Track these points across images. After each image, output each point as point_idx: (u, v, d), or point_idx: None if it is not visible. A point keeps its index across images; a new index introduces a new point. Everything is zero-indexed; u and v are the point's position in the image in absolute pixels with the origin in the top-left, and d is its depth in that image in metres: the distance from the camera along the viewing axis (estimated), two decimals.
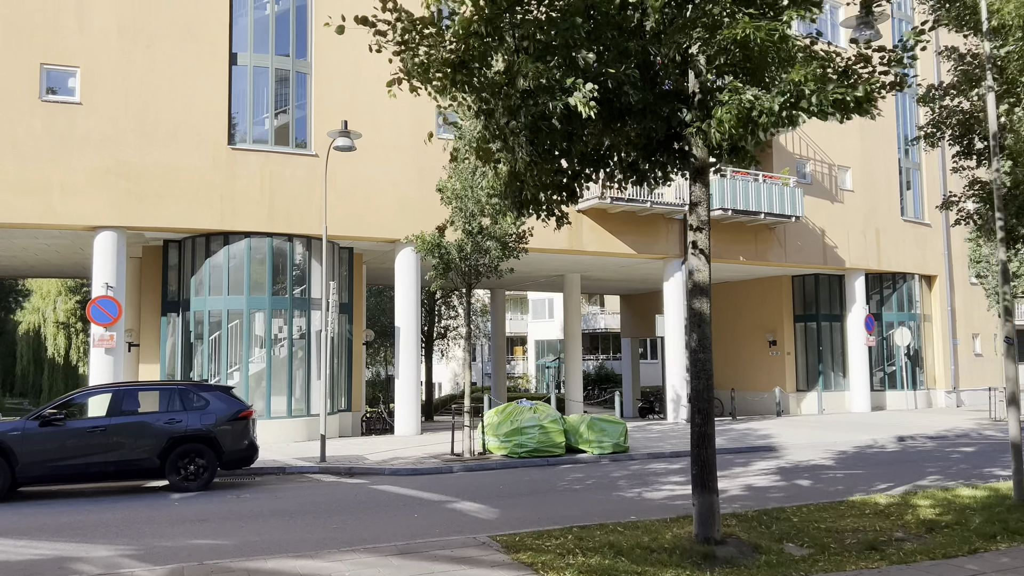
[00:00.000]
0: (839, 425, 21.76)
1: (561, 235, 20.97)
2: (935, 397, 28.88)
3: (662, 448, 16.49)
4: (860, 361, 26.78)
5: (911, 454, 15.86)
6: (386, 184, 19.28)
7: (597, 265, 24.82)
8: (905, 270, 28.14)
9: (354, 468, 14.25)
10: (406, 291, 19.61)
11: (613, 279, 28.90)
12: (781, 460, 15.09)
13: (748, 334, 29.08)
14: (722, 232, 23.68)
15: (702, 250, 7.03)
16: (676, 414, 22.86)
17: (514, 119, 6.17)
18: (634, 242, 22.19)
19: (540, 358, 54.46)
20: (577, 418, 15.84)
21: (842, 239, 26.21)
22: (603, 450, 15.33)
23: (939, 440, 18.63)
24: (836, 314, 28.27)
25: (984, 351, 30.97)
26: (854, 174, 26.95)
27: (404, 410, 19.34)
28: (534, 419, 15.11)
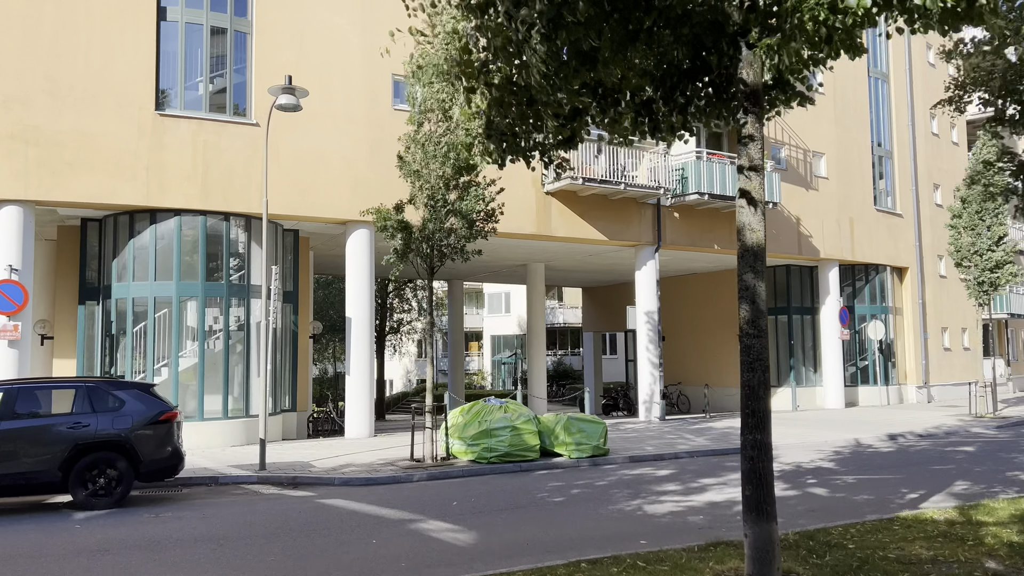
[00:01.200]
0: (820, 423, 20.58)
1: (528, 219, 19.33)
2: (906, 392, 28.08)
3: (643, 450, 14.96)
4: (834, 356, 25.76)
5: (912, 455, 14.63)
6: (336, 159, 17.35)
7: (563, 253, 23.23)
8: (878, 261, 27.24)
9: (299, 478, 12.37)
10: (358, 277, 17.70)
11: (578, 269, 27.38)
12: (777, 462, 13.64)
13: (717, 328, 27.85)
14: (696, 219, 22.31)
15: (756, 202, 5.40)
16: (648, 412, 21.41)
17: (527, 6, 4.44)
18: (605, 228, 20.65)
19: (496, 354, 52.81)
20: (552, 418, 14.20)
21: (817, 228, 25.13)
22: (582, 453, 13.73)
23: (931, 439, 17.54)
24: (808, 307, 27.23)
25: (952, 345, 30.34)
26: (828, 161, 25.90)
27: (355, 410, 17.45)
28: (505, 420, 13.42)
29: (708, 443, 16.09)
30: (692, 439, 16.85)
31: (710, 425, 20.12)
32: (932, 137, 30.47)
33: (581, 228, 20.24)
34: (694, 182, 21.01)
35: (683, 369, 28.72)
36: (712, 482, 11.57)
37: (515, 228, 19.02)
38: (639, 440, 16.71)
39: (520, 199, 19.10)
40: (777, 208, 23.85)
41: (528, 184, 19.41)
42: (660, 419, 21.33)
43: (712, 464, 13.65)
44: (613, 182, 19.57)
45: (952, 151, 31.78)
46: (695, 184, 20.99)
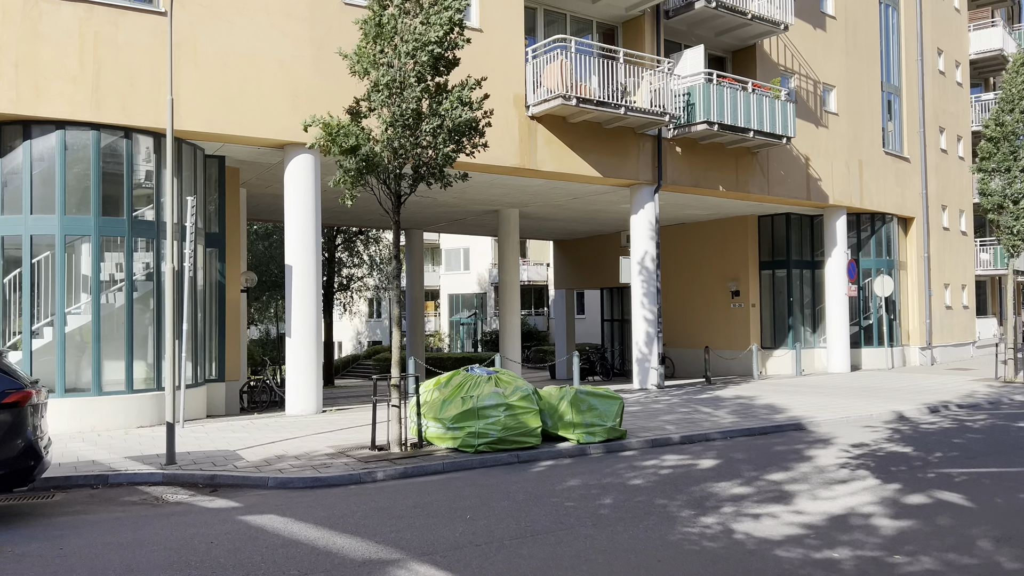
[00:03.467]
0: (837, 390, 17.92)
1: (510, 149, 15.96)
2: (909, 354, 25.77)
3: (664, 430, 11.94)
4: (839, 314, 23.18)
5: (991, 433, 11.92)
6: (271, 64, 13.68)
7: (543, 196, 19.94)
8: (885, 210, 24.63)
9: (219, 476, 9.02)
10: (301, 215, 14.17)
11: (555, 218, 24.14)
12: (835, 446, 10.81)
13: (708, 284, 25.04)
14: (700, 155, 19.21)
15: None
16: (644, 378, 18.47)
17: None
18: (599, 162, 17.40)
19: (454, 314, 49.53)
20: (554, 392, 11.05)
21: (826, 170, 22.30)
22: (593, 437, 10.65)
23: (981, 410, 14.97)
24: (807, 260, 24.55)
25: (953, 303, 28.14)
26: (839, 95, 23.00)
27: (299, 379, 14.04)
28: (497, 395, 10.22)
29: (735, 419, 13.17)
30: (712, 413, 13.94)
31: (717, 394, 17.27)
32: (939, 76, 27.85)
33: (571, 162, 16.96)
34: (702, 109, 17.85)
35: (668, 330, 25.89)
36: (785, 479, 8.60)
37: (494, 159, 15.68)
38: (650, 416, 13.71)
39: (499, 123, 15.70)
40: (785, 147, 20.91)
41: (509, 104, 16.01)
42: (658, 387, 18.42)
43: (759, 449, 10.71)
44: (612, 104, 16.27)
45: (957, 93, 29.25)
46: (703, 112, 17.83)
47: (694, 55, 18.21)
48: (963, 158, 29.55)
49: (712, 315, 24.84)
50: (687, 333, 25.33)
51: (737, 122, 18.27)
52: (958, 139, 29.15)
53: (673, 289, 25.75)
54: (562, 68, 15.61)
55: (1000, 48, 30.68)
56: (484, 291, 48.07)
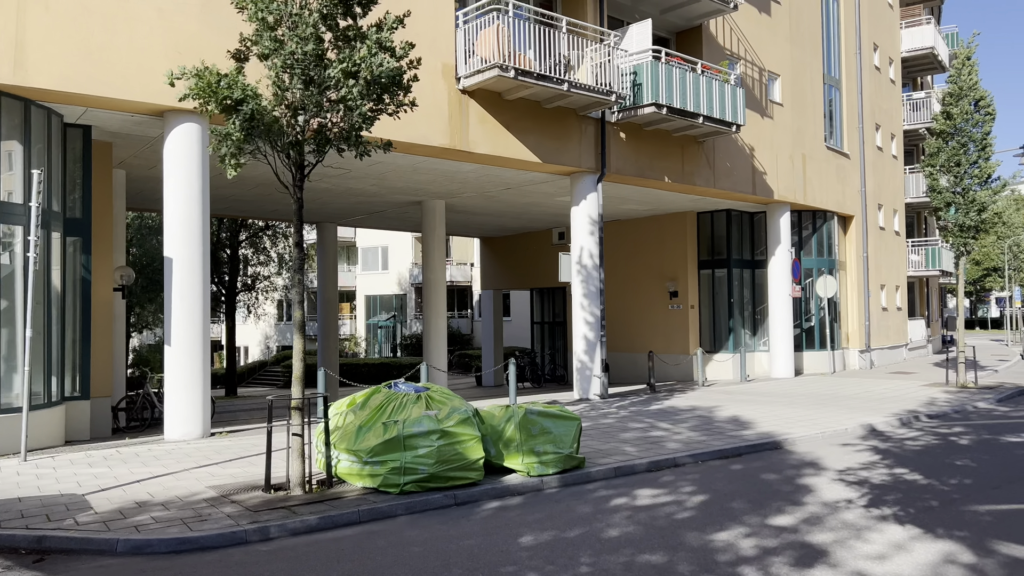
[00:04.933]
0: (794, 399, 16.54)
1: (438, 127, 13.85)
2: (849, 358, 24.89)
3: (625, 452, 10.05)
4: (783, 316, 21.97)
5: (984, 450, 10.53)
6: (147, 10, 11.16)
7: (474, 184, 17.89)
8: (827, 207, 23.63)
9: (49, 538, 6.60)
10: (184, 194, 11.67)
11: (484, 211, 22.12)
12: (827, 472, 9.16)
13: (645, 285, 23.51)
14: (645, 142, 17.54)
15: None
16: (585, 387, 16.64)
17: None
18: (538, 146, 15.47)
19: (371, 316, 46.82)
20: (498, 412, 8.99)
21: (771, 164, 21.04)
22: (546, 467, 8.65)
23: (952, 421, 13.76)
24: (748, 259, 23.33)
25: (888, 305, 27.51)
26: (783, 84, 21.81)
27: (182, 396, 11.52)
28: (429, 420, 8.09)
29: (701, 436, 11.43)
30: (673, 430, 12.16)
31: (669, 405, 15.58)
32: (875, 72, 27.20)
33: (507, 144, 14.96)
34: (649, 91, 16.16)
35: None
36: (797, 523, 6.80)
37: (419, 137, 13.54)
38: (603, 435, 11.82)
39: (426, 96, 13.59)
40: (731, 137, 19.51)
41: (436, 75, 13.89)
42: (601, 397, 16.61)
43: (744, 478, 8.94)
44: (554, 79, 14.35)
45: (891, 90, 28.74)
46: (651, 93, 16.14)
47: (641, 30, 16.51)
48: (896, 157, 29.07)
49: (649, 318, 23.31)
50: (623, 336, 23.72)
51: (686, 106, 16.66)
52: (892, 137, 28.63)
53: (609, 290, 24.12)
54: (498, 34, 13.60)
55: (931, 46, 30.42)
56: (404, 292, 45.59)
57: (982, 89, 18.41)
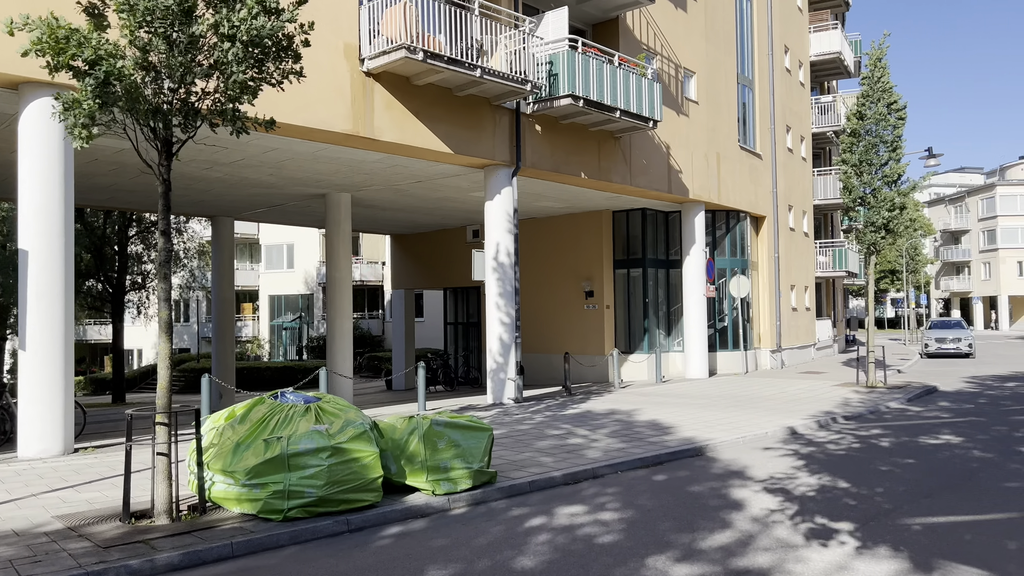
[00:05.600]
0: (711, 400, 16.19)
1: (339, 110, 12.78)
2: (761, 358, 24.97)
3: (542, 464, 9.25)
4: (697, 316, 21.75)
5: (915, 453, 10.26)
6: None
7: (382, 177, 16.83)
8: (740, 207, 23.59)
9: None
10: (42, 178, 10.21)
11: (394, 207, 21.03)
12: (754, 481, 8.62)
13: (561, 284, 22.92)
14: (561, 135, 16.87)
15: None
16: (499, 391, 15.83)
17: None
18: (449, 135, 14.56)
19: (276, 317, 44.78)
20: (400, 423, 8.03)
21: (686, 162, 20.77)
22: (454, 485, 7.76)
23: (874, 423, 13.62)
24: (663, 259, 23.05)
25: (797, 305, 27.84)
26: (699, 82, 21.59)
27: (39, 409, 10.06)
28: (318, 435, 7.07)
29: (620, 444, 10.76)
30: (591, 436, 11.46)
31: (586, 409, 14.93)
32: (786, 74, 27.48)
33: (416, 133, 13.98)
34: (566, 82, 15.49)
35: None
36: (731, 542, 6.15)
37: (319, 122, 12.44)
38: (517, 443, 11.01)
39: (326, 78, 12.51)
40: (648, 133, 19.10)
41: (338, 55, 12.81)
42: (516, 401, 15.83)
43: (668, 490, 8.29)
44: (466, 64, 13.46)
45: (800, 93, 29.14)
46: (567, 84, 15.47)
47: (557, 18, 15.83)
48: (805, 159, 29.50)
49: (565, 318, 22.73)
50: (538, 337, 23.07)
51: (604, 99, 16.08)
52: (801, 139, 29.04)
53: (524, 290, 23.42)
54: (406, 13, 12.62)
55: (839, 51, 31.06)
56: (311, 292, 43.78)
57: (895, 92, 18.56)
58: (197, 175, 16.07)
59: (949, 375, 22.57)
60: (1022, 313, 68.38)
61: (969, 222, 72.43)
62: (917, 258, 44.85)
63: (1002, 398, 16.63)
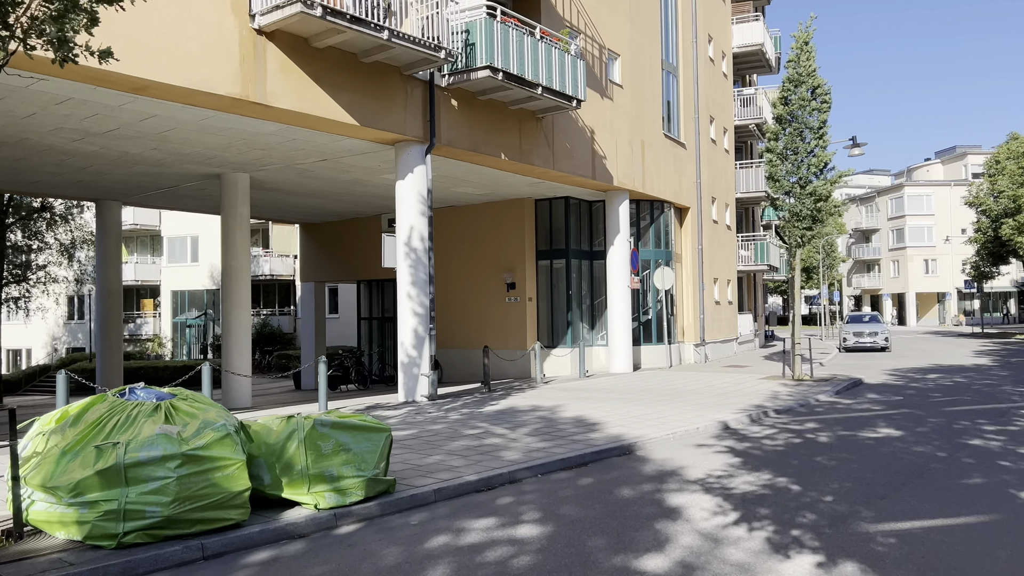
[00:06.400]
0: (637, 395, 15.30)
1: (226, 71, 11.29)
2: (684, 352, 24.39)
3: (453, 469, 8.04)
4: (621, 309, 20.92)
5: (858, 448, 9.50)
6: None
7: (282, 153, 15.29)
8: (665, 197, 22.91)
9: None
10: None
11: (301, 190, 19.43)
12: (691, 484, 7.66)
13: (481, 276, 21.76)
14: (479, 112, 15.69)
15: None
16: (412, 388, 14.54)
17: None
18: (354, 105, 13.17)
19: (179, 314, 42.12)
20: (278, 424, 6.68)
21: (611, 148, 19.90)
22: (343, 497, 6.48)
23: (806, 416, 12.95)
24: (586, 250, 22.17)
25: (720, 298, 27.45)
26: (623, 65, 20.76)
27: None
28: (165, 440, 5.67)
29: (543, 443, 9.65)
30: (510, 435, 10.32)
31: (506, 405, 13.79)
32: (709, 63, 27.03)
33: (316, 100, 12.55)
34: (484, 52, 14.31)
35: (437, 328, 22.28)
36: (671, 566, 5.08)
37: (201, 82, 10.90)
38: (427, 445, 9.76)
39: (209, 31, 10.99)
40: (571, 115, 18.14)
41: (224, 9, 11.28)
42: (430, 398, 14.56)
43: (595, 496, 7.22)
44: (372, 25, 12.12)
45: (723, 84, 28.79)
46: (485, 55, 14.30)
47: None
48: (728, 151, 29.19)
49: (486, 311, 21.58)
50: (458, 332, 21.86)
51: (524, 73, 14.98)
52: (724, 131, 28.69)
53: (441, 281, 22.17)
54: None
55: (761, 43, 30.90)
56: (217, 287, 41.32)
57: (819, 77, 18.12)
58: (68, 148, 14.20)
59: (870, 368, 22.44)
60: (928, 309, 70.98)
61: (879, 221, 74.77)
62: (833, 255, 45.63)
63: (928, 390, 16.33)
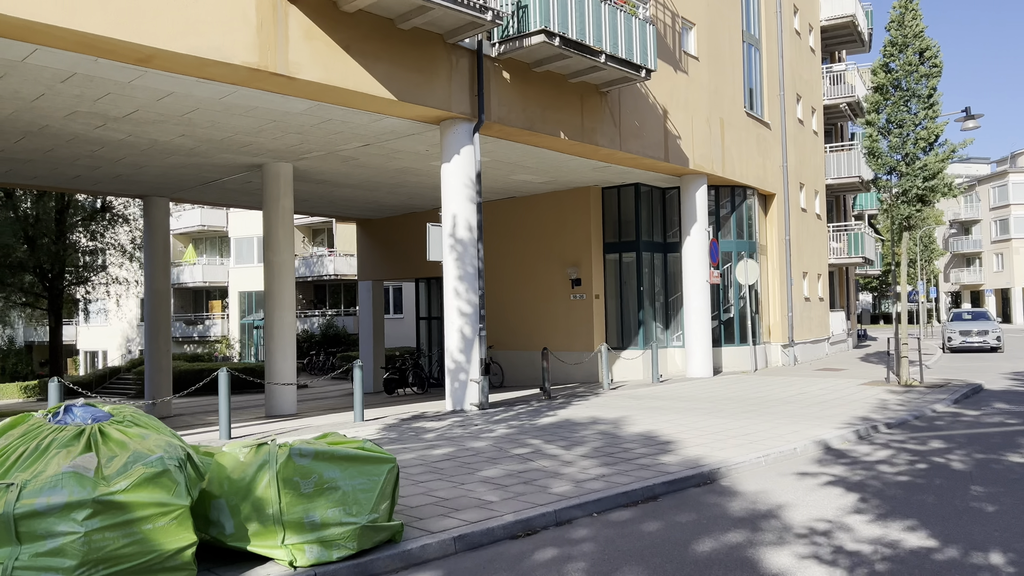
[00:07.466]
0: (718, 404, 13.35)
1: (241, 38, 9.95)
2: (771, 353, 22.14)
3: (484, 509, 6.41)
4: (700, 306, 18.90)
5: (1013, 481, 7.43)
6: None
7: (319, 136, 13.98)
8: (747, 182, 20.74)
9: None
10: None
11: (350, 182, 18.16)
12: (794, 535, 5.81)
13: (544, 272, 20.10)
14: (535, 86, 14.02)
15: None
16: (460, 396, 12.97)
17: None
18: (390, 77, 11.70)
19: (247, 315, 41.91)
20: (247, 453, 5.17)
21: (685, 127, 17.92)
22: (329, 550, 4.91)
23: (928, 431, 10.78)
24: (659, 242, 20.22)
25: (810, 294, 25.01)
26: (699, 35, 18.75)
27: None
28: (76, 480, 4.21)
29: (602, 469, 7.91)
30: (563, 458, 8.61)
31: (564, 417, 12.08)
32: (796, 37, 24.64)
33: (346, 71, 11.11)
34: (539, 14, 12.63)
35: (496, 328, 20.74)
36: None
37: (212, 50, 9.60)
38: (461, 470, 8.15)
39: None
40: (639, 89, 16.29)
41: None
42: (479, 407, 12.97)
43: (667, 552, 5.48)
44: None
45: (810, 60, 26.29)
46: (540, 18, 12.62)
47: None
48: (817, 133, 26.68)
49: (549, 310, 19.90)
50: (518, 332, 20.26)
51: (585, 39, 13.23)
52: (812, 111, 26.20)
53: (501, 278, 20.63)
54: None
55: (852, 15, 28.21)
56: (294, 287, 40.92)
57: (928, 39, 15.74)
58: (92, 136, 13.22)
59: (986, 371, 19.76)
60: None
61: (980, 211, 69.57)
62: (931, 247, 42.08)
63: None
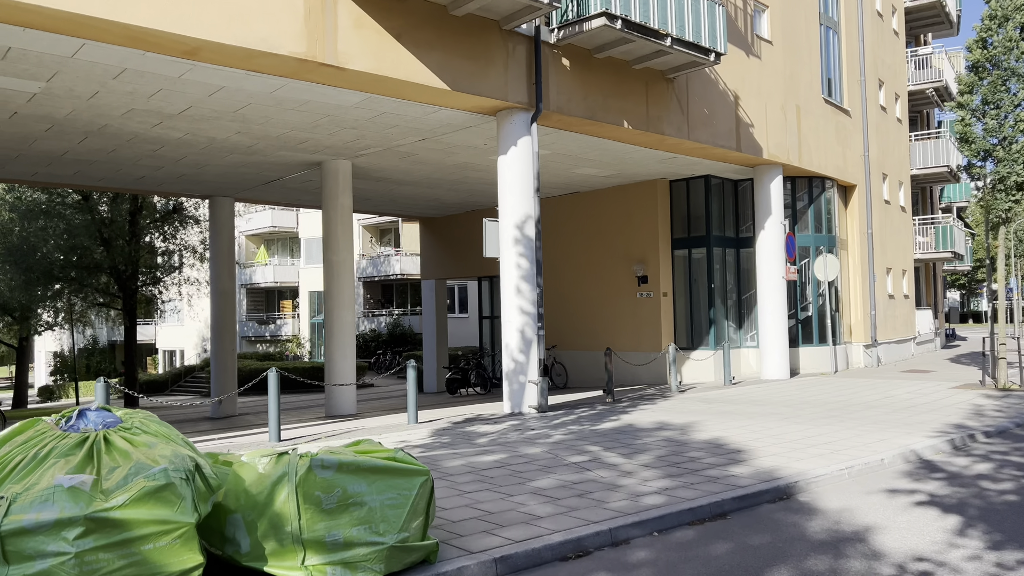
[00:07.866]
0: (795, 409, 12.45)
1: (288, 28, 9.64)
2: (852, 354, 20.87)
3: (531, 526, 5.85)
4: (776, 304, 17.88)
5: None
6: None
7: (375, 131, 13.65)
8: (826, 173, 19.56)
9: None
10: None
11: (410, 179, 17.86)
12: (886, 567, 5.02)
13: (608, 269, 19.40)
14: (596, 73, 13.36)
15: None
16: (518, 398, 12.43)
17: None
18: (444, 66, 11.24)
19: (317, 314, 42.41)
20: (267, 464, 4.74)
21: (758, 114, 16.95)
22: (353, 571, 4.43)
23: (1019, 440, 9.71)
24: (731, 237, 19.28)
25: (895, 291, 23.54)
26: (773, 17, 17.73)
27: None
28: (69, 495, 3.83)
29: (665, 481, 7.25)
30: (623, 468, 7.97)
31: (627, 422, 11.40)
32: (877, 19, 23.23)
33: (398, 61, 10.71)
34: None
35: (560, 328, 20.14)
36: None
37: (258, 41, 9.30)
38: (511, 479, 7.60)
39: None
40: (708, 74, 15.43)
41: None
42: (539, 409, 12.41)
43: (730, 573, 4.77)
44: None
45: (893, 43, 24.78)
46: (600, 0, 11.96)
47: None
48: (901, 120, 25.14)
49: (614, 308, 19.18)
50: (583, 332, 19.62)
51: (650, 21, 12.51)
52: (896, 98, 24.69)
53: (565, 276, 20.02)
54: None
55: None
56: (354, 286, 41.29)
57: None
58: (151, 135, 13.22)
59: None
60: None
61: None
62: None
63: None
